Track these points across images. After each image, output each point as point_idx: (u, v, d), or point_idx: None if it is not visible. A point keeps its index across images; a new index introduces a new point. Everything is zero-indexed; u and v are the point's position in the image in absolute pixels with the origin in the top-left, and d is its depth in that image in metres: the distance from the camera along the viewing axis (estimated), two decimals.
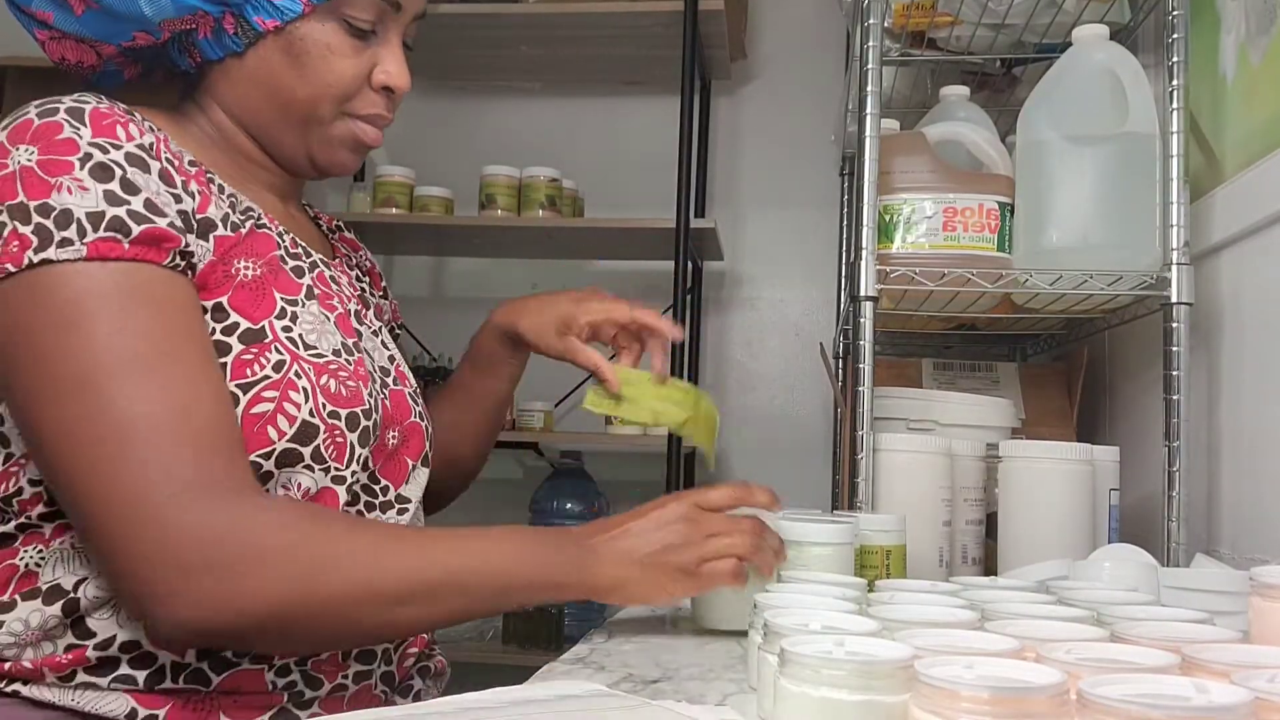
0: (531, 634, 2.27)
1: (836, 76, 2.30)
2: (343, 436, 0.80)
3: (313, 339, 0.81)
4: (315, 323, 0.82)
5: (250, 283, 0.80)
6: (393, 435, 0.90)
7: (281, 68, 0.84)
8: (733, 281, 2.64)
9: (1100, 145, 1.18)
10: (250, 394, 0.76)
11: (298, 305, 0.82)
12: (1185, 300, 1.16)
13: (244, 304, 0.79)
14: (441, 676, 0.94)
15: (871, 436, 1.19)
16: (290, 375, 0.78)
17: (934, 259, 1.22)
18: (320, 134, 0.88)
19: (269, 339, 0.78)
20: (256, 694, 0.77)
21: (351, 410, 0.81)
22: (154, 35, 0.84)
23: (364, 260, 1.09)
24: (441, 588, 0.75)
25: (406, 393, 0.95)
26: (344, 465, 0.81)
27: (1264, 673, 0.46)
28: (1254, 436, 1.12)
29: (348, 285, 0.95)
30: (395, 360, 0.97)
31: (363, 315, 0.95)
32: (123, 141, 0.75)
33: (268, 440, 0.76)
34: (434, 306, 2.71)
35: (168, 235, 0.73)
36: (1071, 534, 1.09)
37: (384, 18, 0.87)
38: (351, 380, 0.82)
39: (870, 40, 1.24)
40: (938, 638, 0.55)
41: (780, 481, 2.69)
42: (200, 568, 0.68)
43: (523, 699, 0.61)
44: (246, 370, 0.76)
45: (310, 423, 0.78)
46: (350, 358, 0.84)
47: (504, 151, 2.50)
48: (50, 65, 0.89)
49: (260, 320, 0.79)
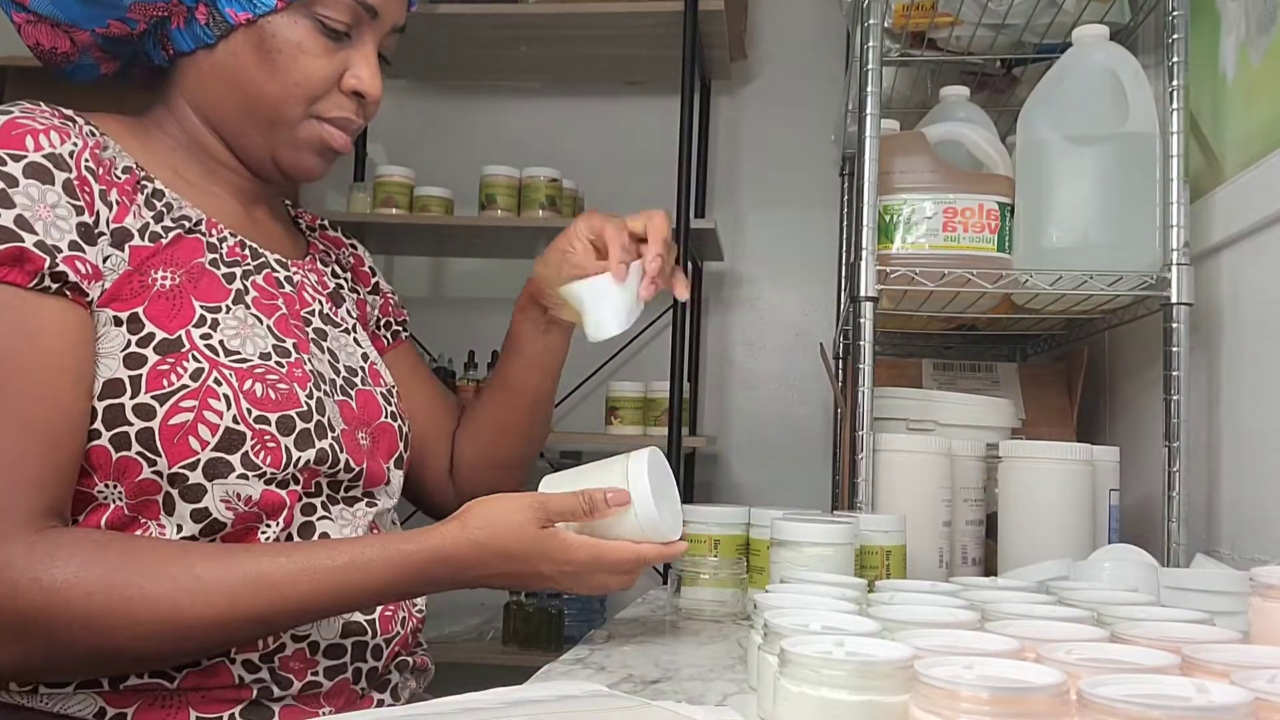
0: (531, 634, 2.27)
1: (836, 76, 2.30)
2: (275, 441, 0.78)
3: (235, 344, 0.80)
4: (240, 327, 0.81)
5: (167, 292, 0.79)
6: (363, 436, 0.89)
7: (251, 63, 0.84)
8: (733, 281, 2.64)
9: (1100, 145, 1.18)
10: (168, 404, 0.75)
11: (220, 312, 0.81)
12: (1185, 300, 1.16)
13: (160, 314, 0.78)
14: (424, 673, 0.94)
15: (871, 437, 1.19)
16: (209, 383, 0.77)
17: (934, 259, 1.22)
18: (286, 135, 0.87)
19: (186, 348, 0.77)
20: (224, 688, 0.77)
21: (284, 413, 0.80)
22: (128, 24, 0.84)
23: (345, 257, 1.07)
24: (251, 627, 0.74)
25: (379, 392, 0.94)
26: (280, 468, 0.79)
27: (1264, 673, 0.46)
28: (1254, 436, 1.12)
29: (315, 285, 0.94)
30: (369, 359, 0.96)
31: (332, 314, 0.94)
32: (27, 151, 0.74)
33: (190, 450, 0.75)
34: (434, 306, 2.71)
35: (30, 256, 0.71)
36: (1071, 534, 1.09)
37: (360, 22, 0.87)
38: (283, 383, 0.81)
39: (870, 40, 1.24)
40: (938, 638, 0.55)
41: (780, 481, 2.69)
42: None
43: (523, 699, 0.61)
44: (163, 381, 0.76)
45: (234, 429, 0.77)
46: (284, 360, 0.82)
47: (504, 151, 2.50)
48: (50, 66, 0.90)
49: (177, 330, 0.78)
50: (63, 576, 0.68)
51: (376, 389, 0.94)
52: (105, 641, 0.70)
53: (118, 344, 0.76)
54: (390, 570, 0.76)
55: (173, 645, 0.72)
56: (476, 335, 2.52)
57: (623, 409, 2.33)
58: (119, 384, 0.75)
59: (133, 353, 0.76)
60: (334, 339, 0.92)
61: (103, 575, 0.69)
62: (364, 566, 0.75)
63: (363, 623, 0.84)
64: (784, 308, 2.62)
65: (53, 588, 0.68)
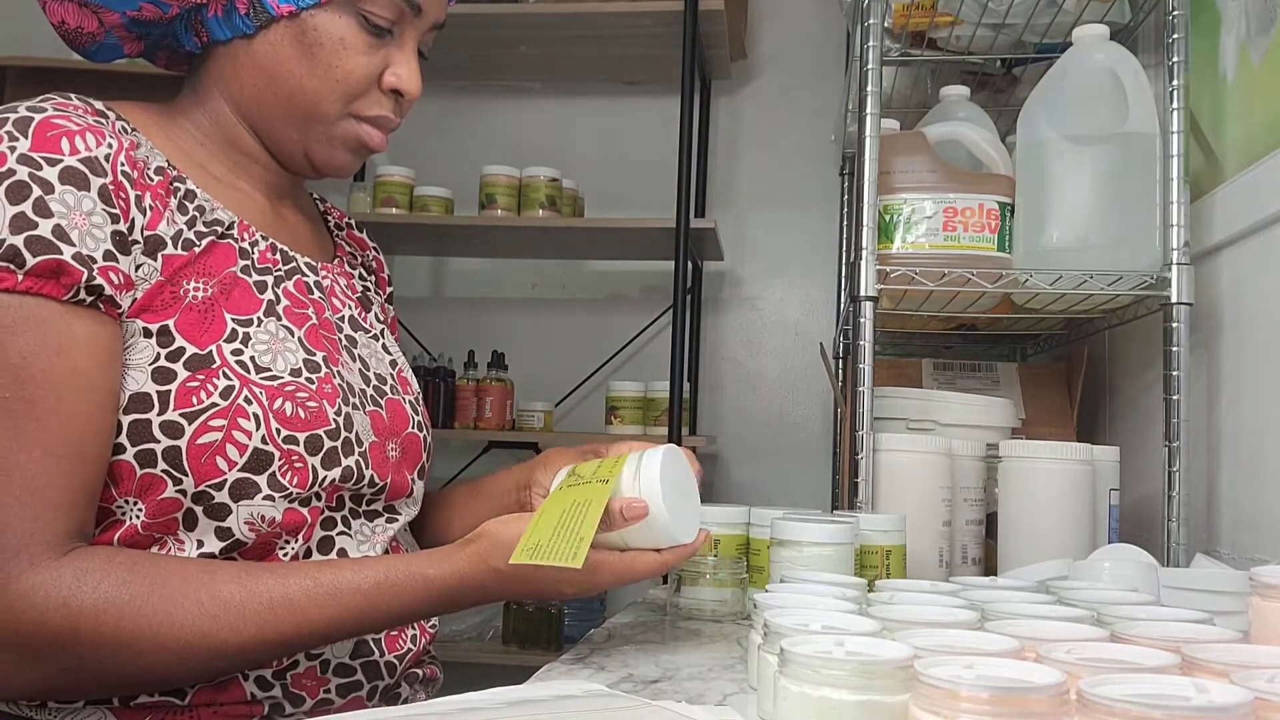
0: (531, 634, 2.28)
1: (836, 76, 2.30)
2: (302, 461, 0.77)
3: (266, 360, 0.77)
4: (271, 342, 0.79)
5: (199, 304, 0.77)
6: (393, 448, 0.87)
7: (291, 57, 0.82)
8: (733, 281, 2.64)
9: (1100, 145, 1.18)
10: (196, 423, 0.73)
11: (252, 325, 0.78)
12: (1185, 300, 1.16)
13: (191, 328, 0.76)
14: (433, 683, 0.93)
15: (871, 436, 1.18)
16: (239, 402, 0.74)
17: (934, 259, 1.21)
18: (322, 132, 0.85)
19: (217, 364, 0.75)
20: (236, 704, 0.76)
21: (312, 433, 0.78)
22: (161, 8, 0.81)
23: (369, 260, 1.06)
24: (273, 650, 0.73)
25: (407, 401, 0.92)
26: (307, 488, 0.77)
27: (1264, 673, 0.46)
28: (1254, 436, 1.12)
29: (344, 289, 0.92)
30: (398, 365, 0.94)
31: (361, 320, 0.92)
32: (64, 155, 0.72)
33: (217, 471, 0.74)
34: (434, 306, 2.71)
35: (68, 268, 0.70)
36: (1071, 534, 1.09)
37: (403, 19, 0.85)
38: (313, 400, 0.79)
39: (870, 40, 1.24)
40: (938, 638, 0.55)
41: (780, 481, 2.70)
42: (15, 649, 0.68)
43: (522, 699, 0.61)
44: (192, 398, 0.73)
45: (263, 450, 0.75)
46: (314, 375, 0.80)
47: (504, 151, 2.50)
48: (51, 65, 0.89)
49: (208, 345, 0.75)
50: (90, 600, 0.68)
51: (405, 397, 0.92)
52: (130, 665, 0.69)
53: (146, 356, 0.74)
54: (415, 595, 0.75)
55: (199, 667, 0.72)
56: (476, 335, 2.53)
57: (623, 409, 2.33)
58: (146, 399, 0.73)
59: (162, 367, 0.74)
60: (364, 345, 0.90)
61: (131, 600, 0.69)
62: (389, 590, 0.75)
63: (370, 643, 0.83)
64: (784, 308, 2.62)
65: (80, 612, 0.67)
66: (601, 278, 2.67)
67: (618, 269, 2.65)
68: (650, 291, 2.61)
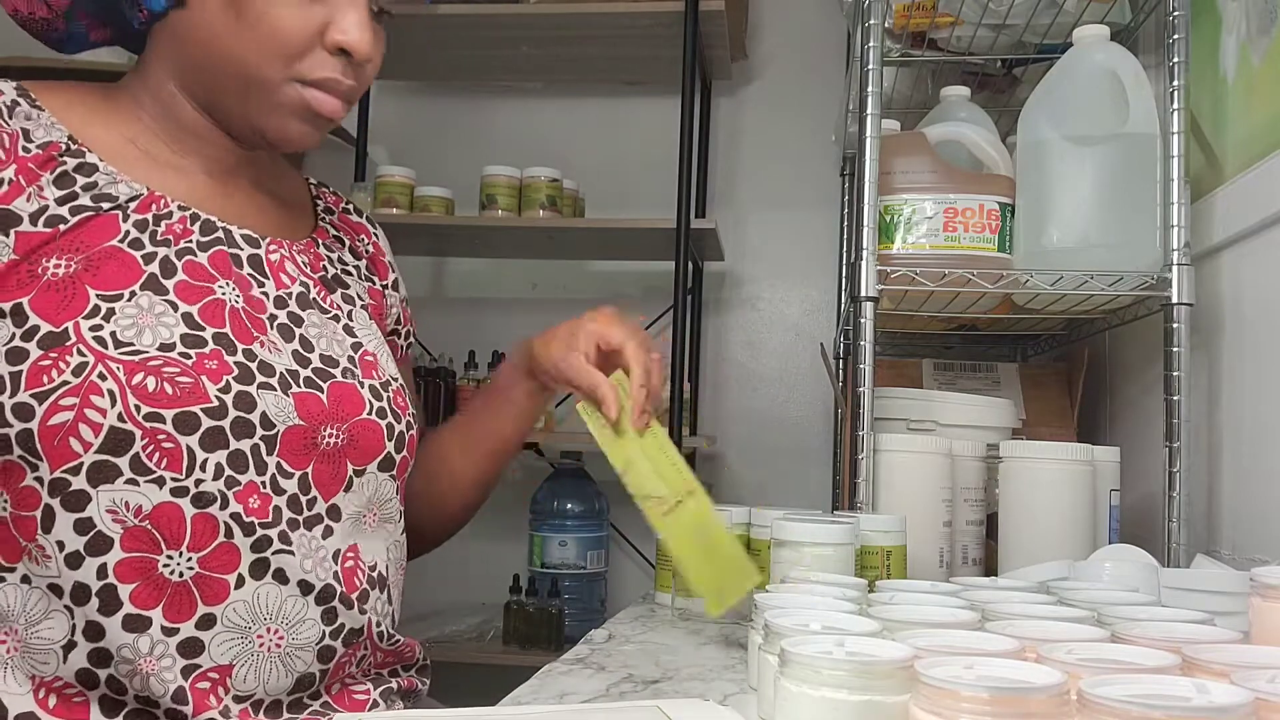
0: (531, 634, 2.27)
1: (837, 77, 2.30)
2: (172, 441, 0.71)
3: (130, 335, 0.72)
4: (140, 316, 0.73)
5: (59, 281, 0.72)
6: (330, 433, 0.80)
7: (221, 20, 0.77)
8: (733, 281, 2.63)
9: (1101, 145, 1.18)
10: (47, 403, 0.69)
11: (120, 300, 0.73)
12: (1186, 300, 1.16)
13: (48, 306, 0.71)
14: (412, 694, 0.84)
15: (872, 437, 1.18)
16: (93, 378, 0.70)
17: (934, 259, 1.22)
18: (265, 99, 0.79)
19: (71, 341, 0.70)
20: None
21: (184, 410, 0.72)
22: None
23: (363, 244, 1.01)
24: None
25: (366, 386, 0.84)
26: (184, 474, 0.72)
27: (1264, 673, 0.46)
28: (1254, 436, 1.12)
29: (301, 266, 0.87)
30: (364, 349, 0.87)
31: (321, 299, 0.87)
32: None
33: (72, 454, 0.69)
34: (434, 307, 2.70)
35: None
36: (1072, 534, 1.09)
37: None
38: (185, 376, 0.72)
39: (871, 40, 1.24)
40: (938, 638, 0.55)
41: (780, 481, 2.70)
42: None
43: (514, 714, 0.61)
44: (43, 377, 0.69)
45: (121, 429, 0.70)
46: (194, 350, 0.74)
47: (504, 151, 2.50)
48: (51, 66, 0.88)
49: (64, 322, 0.71)
50: None
51: (365, 382, 0.84)
52: None
53: (0, 337, 0.71)
54: None
55: None
56: (477, 335, 2.52)
57: None
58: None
59: (15, 347, 0.70)
60: (312, 325, 0.84)
61: None
62: None
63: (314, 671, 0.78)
64: (784, 308, 2.62)
65: None
66: (602, 278, 2.67)
67: (618, 269, 2.65)
68: (651, 292, 2.60)
